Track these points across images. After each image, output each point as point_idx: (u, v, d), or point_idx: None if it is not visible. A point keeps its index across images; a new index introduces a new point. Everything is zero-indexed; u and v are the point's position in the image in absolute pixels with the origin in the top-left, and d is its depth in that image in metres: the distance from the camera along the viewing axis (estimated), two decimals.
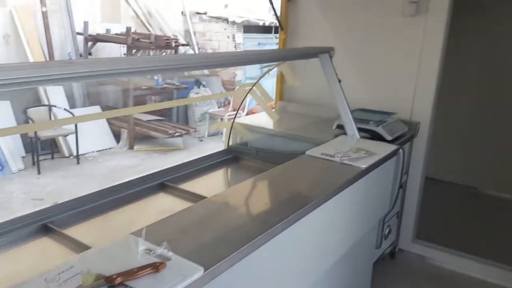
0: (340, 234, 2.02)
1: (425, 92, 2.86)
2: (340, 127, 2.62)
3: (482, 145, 4.28)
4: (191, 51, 8.75)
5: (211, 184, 2.33)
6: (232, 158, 2.65)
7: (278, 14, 3.34)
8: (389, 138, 2.54)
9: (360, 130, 2.53)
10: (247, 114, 7.16)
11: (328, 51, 2.38)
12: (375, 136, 2.54)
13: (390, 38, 2.94)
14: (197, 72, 8.30)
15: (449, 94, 3.86)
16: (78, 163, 6.17)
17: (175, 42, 7.44)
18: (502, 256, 2.99)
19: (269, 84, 3.58)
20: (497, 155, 4.22)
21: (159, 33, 8.45)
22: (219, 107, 8.26)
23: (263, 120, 3.00)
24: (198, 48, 9.20)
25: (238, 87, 8.41)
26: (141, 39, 7.21)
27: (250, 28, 9.65)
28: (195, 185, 2.24)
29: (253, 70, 8.20)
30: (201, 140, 7.65)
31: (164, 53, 7.65)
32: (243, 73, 8.77)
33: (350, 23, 3.09)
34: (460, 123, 4.33)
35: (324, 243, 1.85)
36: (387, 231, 2.72)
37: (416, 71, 2.86)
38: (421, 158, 2.96)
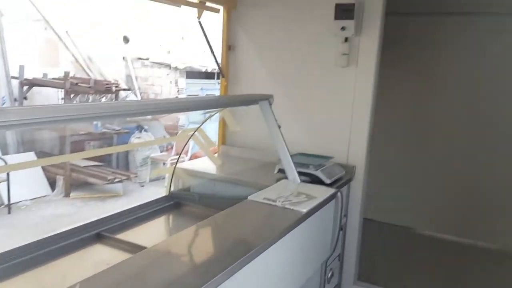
0: (283, 280, 2.00)
1: (359, 136, 3.00)
2: (282, 171, 2.66)
3: (414, 186, 4.51)
4: (132, 96, 8.65)
5: (151, 233, 2.25)
6: (173, 204, 2.59)
7: (220, 61, 3.41)
8: (328, 181, 2.60)
9: (300, 174, 2.58)
10: (190, 159, 7.10)
11: (267, 98, 2.45)
12: (315, 180, 2.60)
13: (326, 87, 3.08)
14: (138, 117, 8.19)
15: (382, 137, 4.08)
16: (9, 212, 5.76)
17: (116, 86, 7.35)
18: None
19: (213, 128, 3.60)
20: (428, 196, 4.45)
21: (99, 77, 8.32)
22: (161, 152, 8.13)
23: (206, 165, 2.99)
24: (140, 93, 9.13)
25: (180, 131, 8.37)
26: (79, 84, 7.04)
27: (193, 73, 9.77)
28: (134, 235, 2.15)
29: (196, 114, 8.23)
30: (143, 186, 7.44)
31: (104, 98, 7.50)
32: (186, 118, 8.77)
33: (288, 71, 3.22)
34: (392, 165, 4.55)
35: None
36: (329, 274, 2.74)
37: (350, 117, 3.01)
38: (358, 200, 3.05)
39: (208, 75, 9.97)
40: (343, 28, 2.82)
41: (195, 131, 2.59)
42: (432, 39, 4.23)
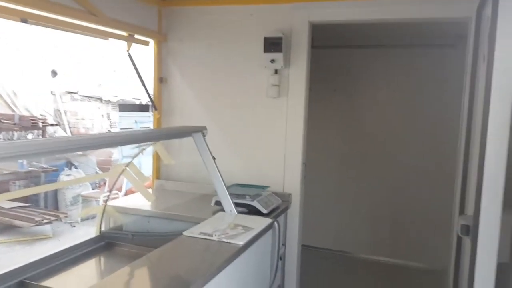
0: None
1: (293, 164, 3.05)
2: (218, 203, 2.62)
3: (349, 211, 4.64)
4: (60, 131, 8.25)
5: (80, 278, 2.10)
6: (105, 245, 2.45)
7: (152, 94, 3.36)
8: (265, 211, 2.60)
9: (237, 205, 2.55)
10: (125, 195, 6.82)
11: (201, 130, 2.43)
12: (252, 210, 2.59)
13: (259, 118, 3.13)
14: (67, 153, 7.79)
15: (316, 164, 4.18)
16: None
17: (43, 122, 6.98)
18: None
19: (149, 162, 3.49)
20: (362, 220, 4.59)
21: (25, 113, 7.87)
22: (93, 189, 7.76)
23: (139, 201, 2.87)
24: (70, 128, 8.74)
25: (113, 167, 8.06)
26: (3, 120, 6.62)
27: (126, 106, 9.54)
28: (61, 281, 2.01)
29: (130, 148, 7.98)
30: (74, 226, 7.03)
31: (30, 134, 7.09)
32: (120, 152, 8.48)
33: (221, 103, 3.24)
34: (326, 191, 4.67)
35: None
36: None
37: (284, 145, 3.06)
38: (296, 227, 3.08)
39: (142, 108, 9.78)
40: (272, 61, 2.90)
41: (126, 166, 2.50)
42: (349, 67, 4.51)
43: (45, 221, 6.26)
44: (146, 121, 9.51)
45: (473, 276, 1.44)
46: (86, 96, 9.01)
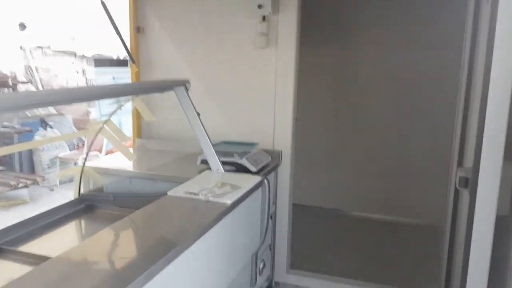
0: (212, 277, 1.97)
1: (283, 120, 3.03)
2: (205, 162, 2.60)
3: (340, 168, 4.67)
4: (32, 89, 8.07)
5: (59, 242, 2.10)
6: (85, 207, 2.44)
7: (129, 46, 3.25)
8: (254, 169, 2.59)
9: (224, 163, 2.54)
10: (106, 154, 6.78)
11: (183, 84, 2.37)
12: (240, 169, 2.58)
13: (246, 70, 3.06)
14: (42, 112, 7.66)
15: (306, 120, 4.17)
16: None
17: (13, 79, 6.80)
18: (372, 276, 3.25)
19: (129, 121, 3.43)
20: (354, 177, 4.64)
21: None
22: (71, 150, 7.68)
23: (120, 161, 2.84)
24: (42, 85, 8.54)
25: (91, 125, 7.96)
26: None
27: (102, 61, 9.31)
28: (39, 245, 2.00)
29: (109, 106, 7.86)
30: (52, 190, 7.00)
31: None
32: (98, 110, 8.35)
33: (205, 55, 3.15)
34: (317, 149, 4.68)
35: None
36: (261, 266, 2.75)
37: (273, 100, 3.02)
38: (286, 186, 3.09)
39: (120, 63, 9.55)
40: (260, 6, 2.81)
41: (103, 124, 2.45)
42: (342, 17, 4.41)
43: (21, 185, 6.22)
44: (125, 78, 9.32)
45: (471, 229, 1.46)
46: (59, 51, 8.76)
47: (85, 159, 2.60)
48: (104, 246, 1.66)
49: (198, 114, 2.42)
